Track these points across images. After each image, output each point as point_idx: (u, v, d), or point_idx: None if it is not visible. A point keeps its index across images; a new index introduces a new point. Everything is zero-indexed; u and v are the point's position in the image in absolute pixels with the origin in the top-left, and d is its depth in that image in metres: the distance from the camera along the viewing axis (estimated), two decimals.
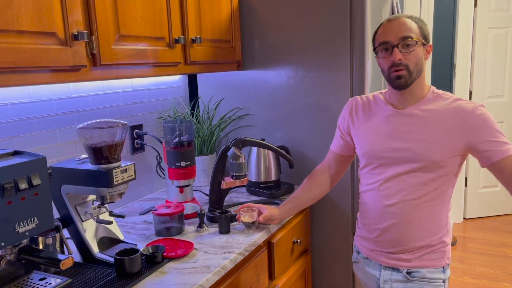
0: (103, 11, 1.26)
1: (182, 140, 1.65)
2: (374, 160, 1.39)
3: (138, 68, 1.43)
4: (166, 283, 1.20)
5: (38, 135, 1.50)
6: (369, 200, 1.43)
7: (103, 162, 1.25)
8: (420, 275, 1.37)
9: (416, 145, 1.30)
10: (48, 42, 1.10)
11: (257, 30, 2.04)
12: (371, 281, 1.46)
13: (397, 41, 1.27)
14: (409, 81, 1.29)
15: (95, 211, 1.36)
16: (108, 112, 1.77)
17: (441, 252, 1.37)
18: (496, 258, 3.36)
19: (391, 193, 1.35)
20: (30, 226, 1.00)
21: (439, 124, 1.29)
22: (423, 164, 1.30)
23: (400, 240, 1.36)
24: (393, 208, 1.35)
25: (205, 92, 2.25)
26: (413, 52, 1.27)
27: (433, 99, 1.33)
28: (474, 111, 1.27)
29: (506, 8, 3.88)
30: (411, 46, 1.27)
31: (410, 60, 1.27)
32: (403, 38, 1.26)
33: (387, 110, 1.38)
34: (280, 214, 1.57)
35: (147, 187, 2.00)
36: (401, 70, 1.28)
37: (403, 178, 1.33)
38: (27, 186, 0.98)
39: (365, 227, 1.47)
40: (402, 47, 1.27)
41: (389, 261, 1.40)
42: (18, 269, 1.11)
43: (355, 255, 1.55)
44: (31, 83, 1.09)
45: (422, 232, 1.35)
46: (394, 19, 1.30)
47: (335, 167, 1.58)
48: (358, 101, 1.48)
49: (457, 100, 1.31)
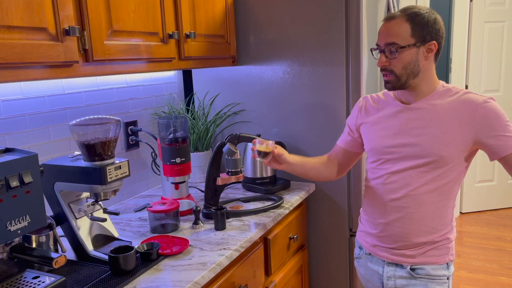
0: (95, 6, 1.24)
1: (177, 136, 1.63)
2: (381, 155, 1.38)
3: (131, 63, 1.42)
4: (162, 281, 1.19)
5: (31, 132, 1.48)
6: (373, 194, 1.42)
7: (97, 159, 1.24)
8: (424, 272, 1.35)
9: (424, 140, 1.29)
10: (39, 38, 1.08)
11: (252, 25, 2.02)
12: (374, 277, 1.45)
13: (384, 47, 1.28)
14: (396, 85, 1.30)
15: (89, 209, 1.34)
16: (102, 108, 1.76)
17: (445, 249, 1.36)
18: (492, 252, 3.38)
19: (397, 187, 1.34)
20: (22, 224, 0.99)
21: (448, 117, 1.28)
22: (430, 160, 1.28)
23: (403, 236, 1.35)
24: (398, 202, 1.34)
25: (200, 88, 2.24)
26: (398, 58, 1.26)
27: (442, 93, 1.31)
28: (483, 104, 1.25)
29: (502, 2, 3.87)
30: (394, 53, 1.26)
31: (395, 65, 1.27)
32: (387, 44, 1.27)
33: (396, 105, 1.37)
34: (290, 160, 1.49)
35: (142, 183, 1.99)
36: (387, 75, 1.30)
37: (409, 173, 1.32)
38: (19, 184, 0.97)
39: (368, 222, 1.46)
40: (388, 52, 1.27)
41: (392, 256, 1.39)
42: (11, 268, 1.10)
43: (357, 250, 1.53)
44: (22, 79, 1.07)
45: (426, 228, 1.33)
46: (387, 21, 1.29)
47: (341, 160, 1.57)
48: (368, 99, 1.47)
49: (466, 93, 1.29)
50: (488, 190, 4.16)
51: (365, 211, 1.48)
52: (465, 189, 4.13)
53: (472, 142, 1.27)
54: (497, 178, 4.15)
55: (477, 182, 4.13)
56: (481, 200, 4.17)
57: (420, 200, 1.32)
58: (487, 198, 4.18)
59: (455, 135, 1.27)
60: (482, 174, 4.11)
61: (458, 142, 1.27)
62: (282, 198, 1.78)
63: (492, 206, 4.20)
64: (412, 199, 1.33)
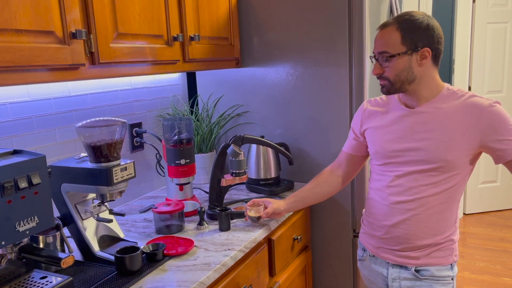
0: (101, 9, 1.25)
1: (181, 138, 1.64)
2: (385, 159, 1.37)
3: (136, 66, 1.43)
4: (167, 281, 1.20)
5: (37, 134, 1.50)
6: (377, 197, 1.41)
7: (103, 160, 1.25)
8: (429, 273, 1.35)
9: (429, 144, 1.28)
10: (47, 41, 1.09)
11: (255, 27, 2.03)
12: (379, 279, 1.45)
13: (377, 55, 1.31)
14: (391, 90, 1.32)
15: (95, 210, 1.36)
16: (107, 110, 1.77)
17: (449, 250, 1.36)
18: (496, 253, 3.37)
19: (401, 190, 1.34)
20: (30, 224, 1.00)
21: (453, 121, 1.27)
22: (436, 165, 1.28)
23: (408, 238, 1.35)
24: (403, 205, 1.34)
25: (204, 90, 2.25)
26: (390, 66, 1.28)
27: (447, 97, 1.30)
28: (489, 108, 1.24)
29: (505, 3, 3.87)
30: (386, 62, 1.28)
31: (389, 72, 1.29)
32: (380, 53, 1.29)
33: (400, 109, 1.36)
34: (286, 206, 1.56)
35: (146, 185, 2.00)
36: (382, 81, 1.32)
37: (414, 176, 1.31)
38: (27, 185, 0.98)
39: (371, 225, 1.45)
40: (381, 60, 1.30)
41: (396, 258, 1.38)
42: (19, 268, 1.12)
43: (361, 252, 1.53)
44: (30, 82, 1.09)
45: (430, 230, 1.33)
46: (380, 29, 1.31)
47: (346, 167, 1.57)
48: (371, 102, 1.47)
49: (472, 96, 1.28)
50: (492, 191, 4.15)
51: (368, 212, 1.48)
52: (468, 190, 4.12)
53: (478, 146, 1.26)
54: (501, 179, 4.14)
55: (481, 183, 4.13)
56: (485, 201, 4.17)
57: (426, 203, 1.31)
58: (490, 199, 4.17)
59: (460, 139, 1.26)
60: (485, 175, 4.10)
61: (463, 146, 1.26)
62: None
63: (496, 207, 4.19)
64: (417, 202, 1.32)
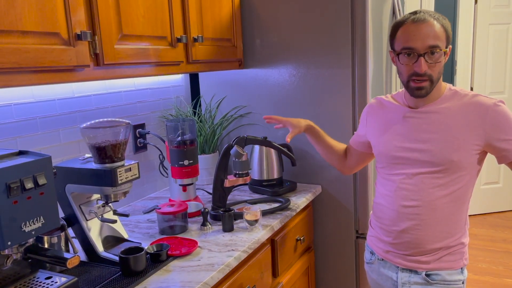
0: (106, 11, 1.26)
1: (184, 139, 1.65)
2: (390, 160, 1.35)
3: (140, 67, 1.44)
4: (171, 281, 1.21)
5: (42, 135, 1.50)
6: (384, 201, 1.39)
7: (107, 161, 1.25)
8: (440, 278, 1.32)
9: (434, 145, 1.26)
10: (52, 42, 1.10)
11: (258, 28, 2.04)
12: (388, 283, 1.41)
13: (424, 50, 1.19)
14: (429, 91, 1.25)
15: (99, 210, 1.36)
16: (111, 111, 1.78)
17: (459, 253, 1.33)
18: (498, 254, 3.37)
19: (409, 194, 1.31)
20: (36, 225, 1.01)
21: (457, 121, 1.25)
22: (442, 167, 1.26)
23: (418, 242, 1.31)
24: (412, 209, 1.31)
25: (206, 91, 2.26)
26: (438, 63, 1.21)
27: (450, 97, 1.29)
28: (493, 107, 1.22)
29: (507, 4, 3.87)
30: (438, 57, 1.20)
31: (435, 70, 1.21)
32: (431, 47, 1.19)
33: (404, 110, 1.34)
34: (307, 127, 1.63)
35: (150, 186, 2.01)
36: (424, 81, 1.22)
37: (421, 179, 1.29)
38: (33, 186, 0.99)
39: (380, 229, 1.42)
40: (428, 56, 1.20)
41: (406, 263, 1.35)
42: (24, 268, 1.12)
43: (369, 255, 1.50)
44: (35, 83, 1.09)
45: (441, 233, 1.30)
46: (422, 22, 1.19)
47: (349, 158, 1.61)
48: (375, 103, 1.47)
49: (475, 95, 1.26)
50: (494, 192, 4.15)
51: (376, 217, 1.44)
52: None
53: (483, 145, 1.25)
54: (503, 180, 4.13)
55: (483, 184, 4.12)
56: (487, 202, 4.16)
57: (434, 206, 1.29)
58: (493, 200, 4.16)
59: (465, 139, 1.24)
60: (488, 176, 4.09)
61: (468, 146, 1.24)
62: (289, 200, 1.79)
63: (498, 208, 4.19)
64: (426, 205, 1.29)
